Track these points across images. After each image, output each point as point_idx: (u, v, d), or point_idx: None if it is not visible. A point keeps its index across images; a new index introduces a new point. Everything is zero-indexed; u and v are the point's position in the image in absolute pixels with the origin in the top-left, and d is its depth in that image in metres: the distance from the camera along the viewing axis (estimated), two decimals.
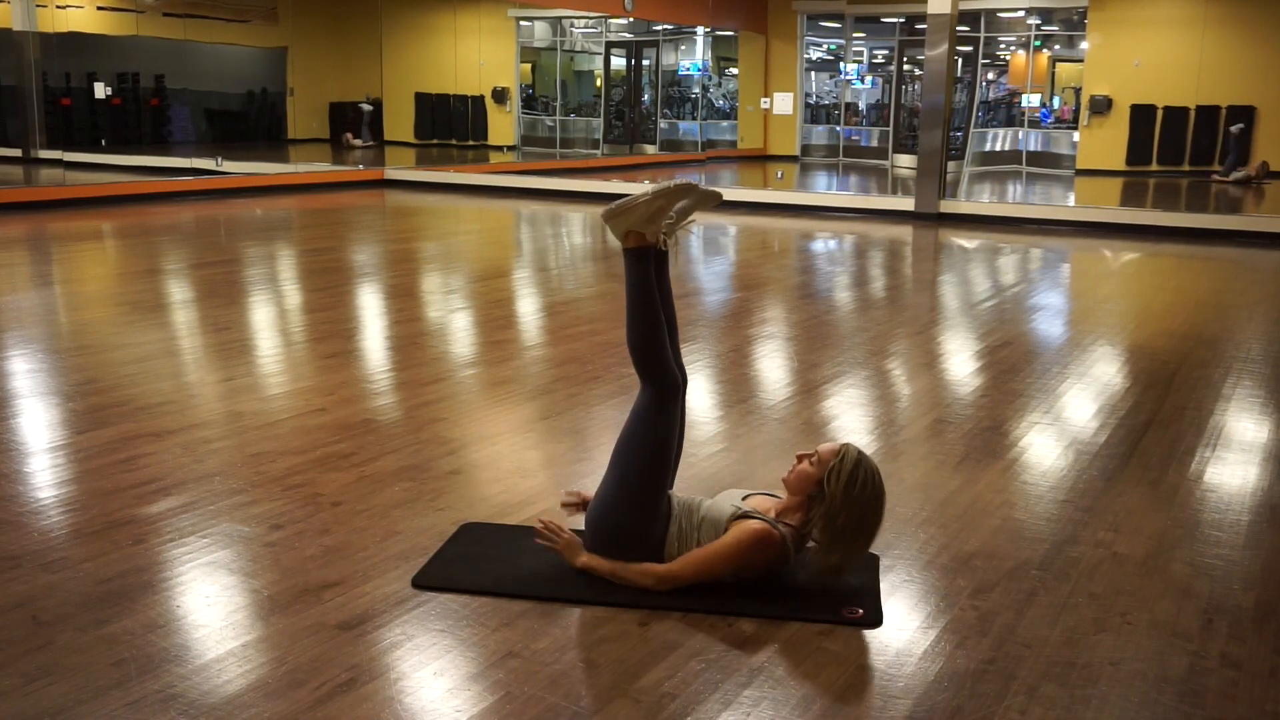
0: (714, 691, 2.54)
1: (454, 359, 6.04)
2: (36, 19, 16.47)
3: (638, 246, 3.07)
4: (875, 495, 2.95)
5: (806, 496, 3.00)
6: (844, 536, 2.92)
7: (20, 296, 7.57)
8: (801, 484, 3.01)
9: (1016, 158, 21.53)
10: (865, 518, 2.93)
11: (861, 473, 2.93)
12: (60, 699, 2.44)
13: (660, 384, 3.05)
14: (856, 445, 3.02)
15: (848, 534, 2.92)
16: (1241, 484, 4.04)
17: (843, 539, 2.92)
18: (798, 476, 3.03)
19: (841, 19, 23.29)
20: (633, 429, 3.07)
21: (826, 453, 2.99)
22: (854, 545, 2.94)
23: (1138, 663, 2.70)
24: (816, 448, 3.04)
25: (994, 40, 22.32)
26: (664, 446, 3.05)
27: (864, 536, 2.95)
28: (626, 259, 3.08)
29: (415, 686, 2.55)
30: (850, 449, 2.99)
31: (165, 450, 4.15)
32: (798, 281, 9.12)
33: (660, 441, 3.04)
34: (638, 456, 3.03)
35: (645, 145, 24.06)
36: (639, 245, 3.07)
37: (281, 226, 12.36)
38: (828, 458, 2.97)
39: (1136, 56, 19.67)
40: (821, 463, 2.98)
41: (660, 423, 3.04)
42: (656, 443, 3.04)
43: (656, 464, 3.04)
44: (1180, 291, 8.64)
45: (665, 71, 24.58)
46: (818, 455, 3.00)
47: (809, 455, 3.03)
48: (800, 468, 3.03)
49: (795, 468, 3.05)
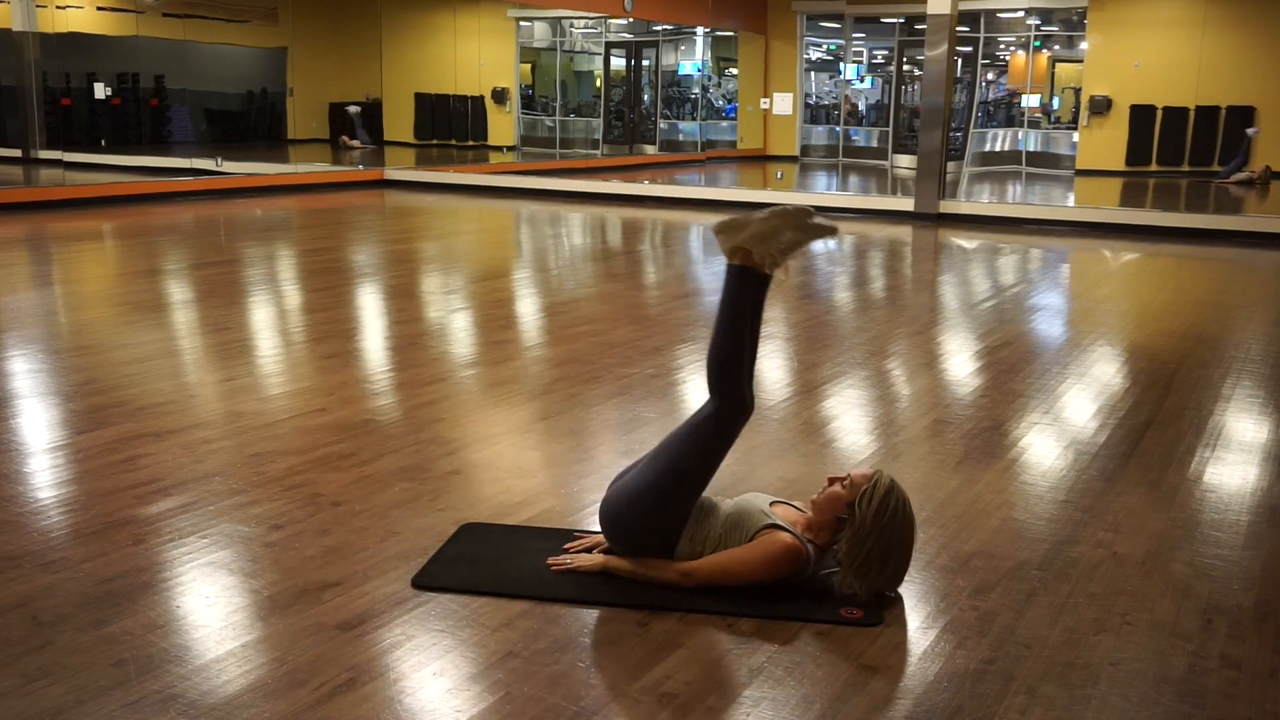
0: (714, 691, 2.54)
1: (454, 359, 6.04)
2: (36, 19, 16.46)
3: (744, 264, 3.05)
4: (905, 525, 2.95)
5: (835, 518, 2.99)
6: (869, 562, 2.91)
7: (20, 297, 7.57)
8: (832, 506, 3.00)
9: (1016, 158, 21.53)
10: (892, 547, 2.92)
11: (893, 500, 2.93)
12: (60, 699, 2.44)
13: (729, 403, 3.02)
14: (889, 474, 3.01)
15: (874, 561, 2.91)
16: (1241, 484, 4.04)
17: (868, 565, 2.92)
18: (828, 498, 3.01)
19: (841, 19, 23.29)
20: (684, 437, 3.04)
21: (859, 477, 2.98)
22: (879, 573, 2.93)
23: (1138, 663, 2.70)
24: (849, 471, 3.04)
25: (994, 40, 22.33)
26: (708, 465, 3.03)
27: (890, 566, 2.94)
28: (729, 274, 3.06)
29: (415, 686, 2.55)
30: (883, 476, 2.98)
31: (165, 450, 4.15)
32: (797, 281, 9.12)
33: (708, 460, 3.02)
34: (679, 467, 3.01)
35: (645, 145, 24.06)
36: (745, 263, 3.05)
37: (281, 227, 12.36)
38: (860, 483, 2.96)
39: (1136, 57, 19.67)
40: (854, 486, 2.97)
41: (715, 442, 3.02)
42: (704, 460, 3.02)
43: (696, 480, 3.02)
44: (1180, 291, 8.64)
45: (665, 72, 24.58)
46: (850, 479, 2.99)
47: (841, 478, 3.02)
48: (832, 490, 3.01)
49: (826, 489, 3.03)
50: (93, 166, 17.21)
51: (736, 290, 3.05)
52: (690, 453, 3.02)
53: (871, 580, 2.93)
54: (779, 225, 3.00)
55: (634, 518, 3.02)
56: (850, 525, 2.94)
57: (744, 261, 3.04)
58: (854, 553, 2.92)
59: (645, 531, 3.02)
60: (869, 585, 2.93)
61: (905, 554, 2.97)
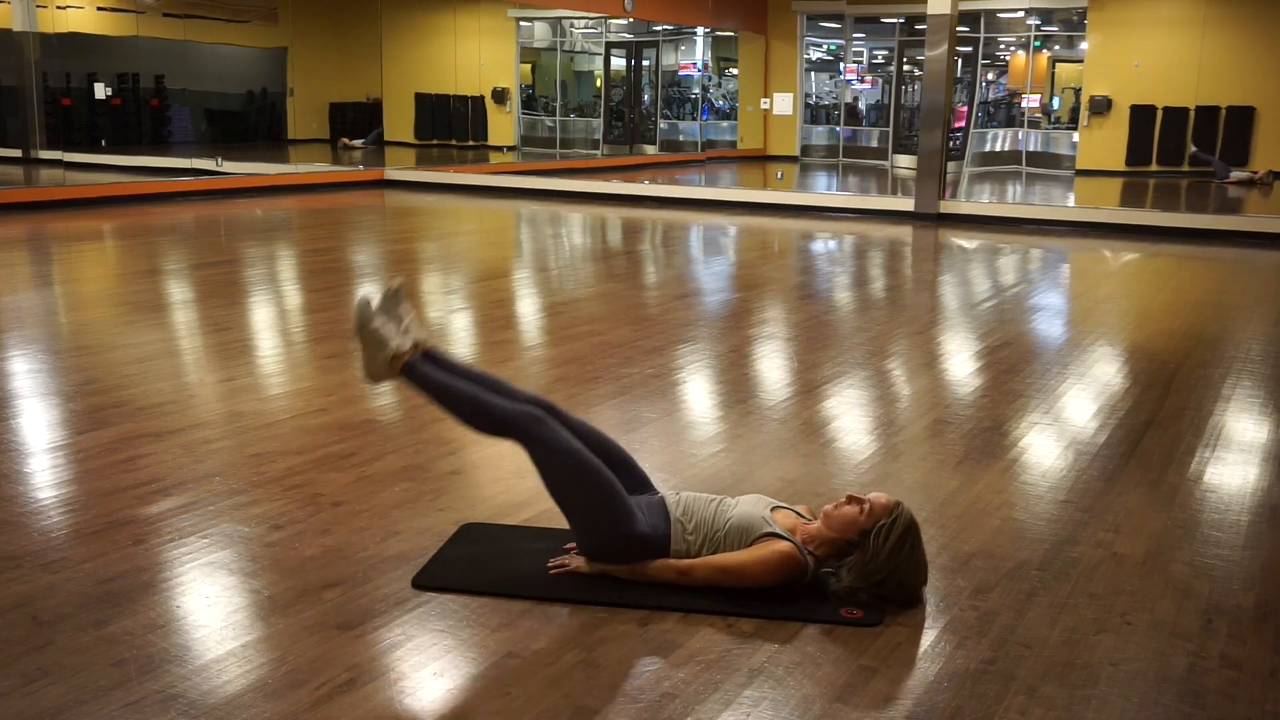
0: (714, 691, 2.54)
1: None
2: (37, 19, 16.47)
3: (408, 364, 3.10)
4: (918, 566, 2.95)
5: (846, 541, 2.97)
6: (875, 592, 2.91)
7: (20, 297, 7.57)
8: (844, 528, 2.98)
9: (1016, 158, 21.54)
10: (903, 584, 2.93)
11: (910, 539, 2.92)
12: (60, 699, 2.44)
13: (521, 428, 3.03)
14: (909, 508, 2.99)
15: (883, 592, 2.91)
16: (1241, 484, 4.04)
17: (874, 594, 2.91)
18: (843, 519, 2.98)
19: (841, 19, 23.30)
20: (543, 471, 3.04)
21: (879, 508, 2.96)
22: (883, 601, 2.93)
23: (1138, 663, 2.70)
24: (869, 496, 3.00)
25: (994, 40, 22.33)
26: (574, 458, 2.99)
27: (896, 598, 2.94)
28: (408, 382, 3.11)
29: (415, 686, 2.55)
30: (904, 511, 2.96)
31: (165, 450, 4.15)
32: (797, 282, 9.12)
33: (568, 458, 2.99)
34: (566, 484, 3.01)
35: (645, 145, 24.06)
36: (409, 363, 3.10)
37: (281, 227, 12.36)
38: (879, 513, 2.94)
39: (1136, 57, 19.67)
40: (872, 514, 2.95)
41: (553, 448, 3.00)
42: (567, 461, 2.99)
43: (585, 477, 2.99)
44: (1180, 291, 8.64)
45: (665, 72, 24.58)
46: (870, 506, 2.96)
47: (862, 501, 2.99)
48: (848, 509, 2.99)
49: (842, 506, 3.01)
50: (93, 166, 17.21)
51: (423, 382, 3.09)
52: (556, 470, 3.01)
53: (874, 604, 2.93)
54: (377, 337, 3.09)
55: (597, 542, 3.02)
56: (861, 554, 2.93)
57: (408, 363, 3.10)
58: (862, 579, 2.92)
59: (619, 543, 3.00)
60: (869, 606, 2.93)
61: (911, 591, 2.96)
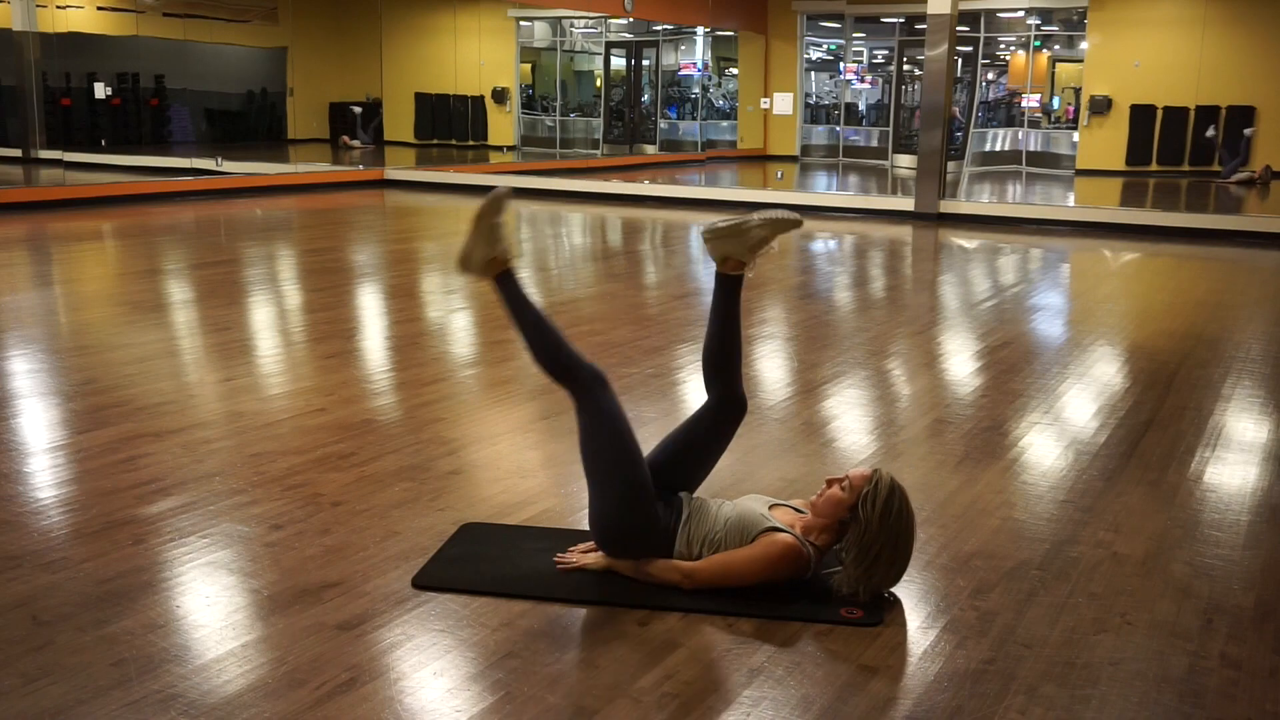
0: (714, 691, 2.54)
1: (454, 359, 6.04)
2: (36, 19, 16.46)
3: (734, 274, 3.17)
4: (909, 523, 2.96)
5: (838, 521, 2.99)
6: (878, 563, 2.92)
7: (20, 296, 7.57)
8: (833, 509, 2.99)
9: (1016, 158, 21.53)
10: (899, 545, 2.93)
11: (896, 501, 2.93)
12: (60, 699, 2.44)
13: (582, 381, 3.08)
14: (888, 471, 3.01)
15: (882, 561, 2.92)
16: (1241, 484, 4.04)
17: (875, 565, 2.92)
18: (828, 501, 3.00)
19: (841, 19, 23.29)
20: (585, 431, 3.08)
21: (858, 479, 2.97)
22: (886, 572, 2.94)
23: (1138, 663, 2.70)
24: (847, 473, 3.03)
25: (994, 40, 22.32)
26: (617, 426, 3.04)
27: (897, 564, 2.95)
28: (498, 288, 3.28)
29: (415, 686, 2.55)
30: (883, 475, 2.97)
31: (165, 450, 4.15)
32: (797, 281, 9.12)
33: (613, 425, 3.04)
34: (599, 450, 3.04)
35: (645, 145, 24.06)
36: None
37: (281, 227, 12.36)
38: (860, 484, 2.96)
39: (1136, 57, 19.67)
40: (854, 488, 2.96)
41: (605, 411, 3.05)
42: (611, 428, 3.03)
43: (620, 452, 3.02)
44: (1180, 291, 8.64)
45: (665, 72, 24.58)
46: (849, 481, 2.98)
47: (839, 480, 3.01)
48: (831, 492, 3.00)
49: (825, 492, 3.02)
50: (93, 166, 17.20)
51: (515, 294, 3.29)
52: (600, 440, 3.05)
53: (878, 579, 2.94)
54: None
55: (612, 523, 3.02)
56: (855, 528, 2.94)
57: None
58: (862, 555, 2.92)
59: (630, 530, 3.02)
60: (874, 585, 2.94)
61: (909, 550, 2.98)
